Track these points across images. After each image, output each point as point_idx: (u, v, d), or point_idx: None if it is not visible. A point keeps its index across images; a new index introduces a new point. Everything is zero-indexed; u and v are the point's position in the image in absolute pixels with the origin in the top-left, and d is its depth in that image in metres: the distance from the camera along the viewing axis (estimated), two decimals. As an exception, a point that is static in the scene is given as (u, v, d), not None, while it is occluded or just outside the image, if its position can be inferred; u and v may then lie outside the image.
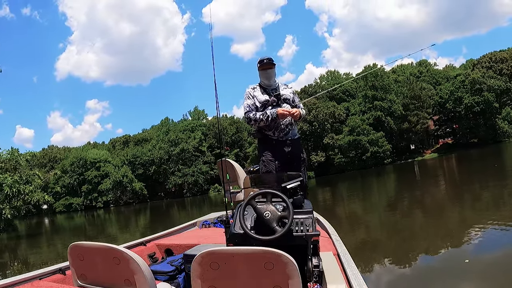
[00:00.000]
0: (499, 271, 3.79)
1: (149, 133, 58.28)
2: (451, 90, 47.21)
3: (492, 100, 44.79)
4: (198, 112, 54.18)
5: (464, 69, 51.23)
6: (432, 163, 34.54)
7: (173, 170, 51.24)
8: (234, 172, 3.93)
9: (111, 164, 53.36)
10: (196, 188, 50.75)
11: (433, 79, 50.75)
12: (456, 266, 4.19)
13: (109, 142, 62.68)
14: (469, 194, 10.08)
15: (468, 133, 46.67)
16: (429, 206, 9.45)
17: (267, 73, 3.32)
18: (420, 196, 11.87)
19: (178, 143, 50.62)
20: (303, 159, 3.40)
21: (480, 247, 4.81)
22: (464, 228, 6.01)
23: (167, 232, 3.68)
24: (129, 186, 51.49)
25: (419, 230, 6.88)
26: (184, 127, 52.80)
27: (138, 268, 1.44)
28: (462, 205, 8.71)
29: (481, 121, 45.75)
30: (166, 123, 55.22)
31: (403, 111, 46.23)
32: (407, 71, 52.39)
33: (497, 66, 47.68)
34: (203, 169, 50.55)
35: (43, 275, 2.11)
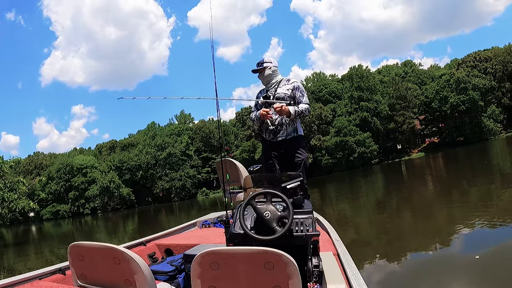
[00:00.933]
0: (493, 267, 3.91)
1: (135, 138, 58.87)
2: (436, 89, 48.47)
3: (477, 99, 46.11)
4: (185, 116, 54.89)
5: (449, 69, 52.61)
6: (419, 162, 35.45)
7: (160, 174, 51.85)
8: (237, 172, 3.88)
9: (98, 170, 53.80)
10: (184, 193, 51.39)
11: (419, 79, 52.05)
12: (453, 264, 4.32)
13: (95, 147, 63.14)
14: (457, 192, 10.30)
15: (454, 132, 47.90)
16: (418, 205, 9.72)
17: (260, 77, 3.50)
18: (408, 195, 12.19)
19: (165, 147, 51.24)
20: (300, 160, 3.37)
21: (479, 243, 4.94)
22: (452, 226, 6.16)
23: (167, 232, 3.72)
24: (116, 191, 51.96)
25: (410, 229, 7.03)
26: (170, 131, 53.47)
27: (138, 268, 1.46)
28: (450, 203, 8.89)
29: (467, 120, 47.04)
30: (152, 127, 55.80)
31: (389, 112, 47.37)
32: (393, 71, 53.70)
33: (481, 65, 48.99)
34: (190, 173, 51.23)
35: (43, 275, 2.15)
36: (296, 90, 3.37)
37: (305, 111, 3.31)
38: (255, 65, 3.50)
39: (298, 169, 3.29)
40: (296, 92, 3.36)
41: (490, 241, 4.85)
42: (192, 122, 56.66)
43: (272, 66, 3.46)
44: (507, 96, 48.52)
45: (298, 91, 3.37)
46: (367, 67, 50.59)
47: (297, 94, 3.36)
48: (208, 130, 51.80)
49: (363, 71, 48.17)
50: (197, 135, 52.51)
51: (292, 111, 3.18)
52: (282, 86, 3.41)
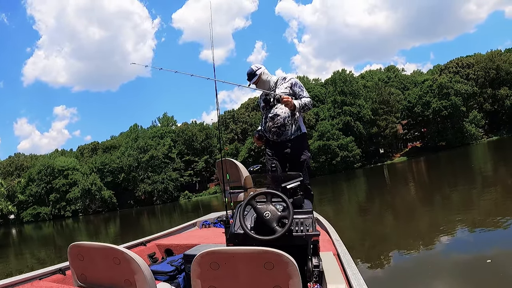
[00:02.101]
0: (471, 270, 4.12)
1: (117, 140, 59.28)
2: (419, 94, 49.98)
3: (459, 104, 47.71)
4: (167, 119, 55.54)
5: (431, 75, 54.24)
6: (401, 166, 36.51)
7: (142, 177, 52.39)
8: (237, 172, 3.95)
9: (79, 172, 54.12)
10: (166, 196, 52.00)
11: (401, 84, 53.58)
12: (448, 264, 4.45)
13: (77, 149, 63.37)
14: (439, 196, 10.60)
15: (436, 137, 49.41)
16: (400, 208, 10.06)
17: (258, 86, 3.53)
18: (391, 199, 12.47)
19: (147, 150, 51.84)
20: (303, 160, 3.42)
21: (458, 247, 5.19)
22: (437, 229, 6.38)
23: (167, 232, 3.77)
24: (98, 194, 52.37)
25: (402, 231, 7.23)
26: (153, 134, 54.02)
27: (138, 268, 1.47)
28: (432, 206, 9.16)
29: (449, 125, 48.60)
30: (135, 129, 56.31)
31: (372, 116, 48.68)
32: (376, 76, 55.13)
33: (464, 71, 50.69)
34: (172, 176, 51.87)
35: (43, 275, 2.18)
36: (295, 86, 3.44)
37: (308, 104, 3.41)
38: (246, 76, 3.54)
39: (301, 169, 3.33)
40: (295, 88, 3.43)
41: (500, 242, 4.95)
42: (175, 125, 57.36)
43: (263, 71, 3.50)
44: (488, 102, 50.23)
45: (297, 86, 3.45)
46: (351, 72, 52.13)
47: (296, 90, 3.43)
48: (191, 133, 52.55)
49: (347, 75, 49.50)
50: (180, 138, 53.18)
51: (297, 104, 3.30)
52: (280, 86, 3.46)
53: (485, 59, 51.16)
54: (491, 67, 49.99)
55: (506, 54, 52.34)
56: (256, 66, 3.54)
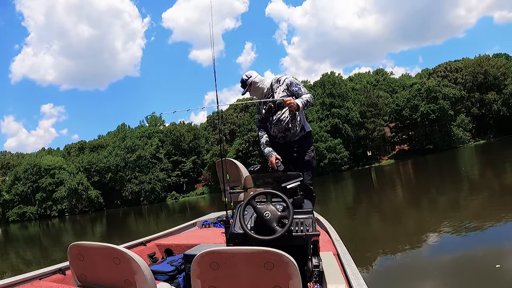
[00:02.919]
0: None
1: (105, 139, 59.55)
2: (407, 98, 50.92)
3: (447, 108, 48.72)
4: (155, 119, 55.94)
5: (419, 78, 55.28)
6: (389, 169, 37.29)
7: (129, 177, 52.71)
8: (237, 172, 3.98)
9: (66, 171, 54.34)
10: (153, 196, 52.37)
11: (390, 87, 54.56)
12: (446, 265, 4.50)
13: (64, 148, 63.52)
14: (426, 198, 10.82)
15: (424, 140, 50.40)
16: (387, 209, 10.32)
17: (252, 94, 3.50)
18: (378, 201, 12.73)
19: (135, 149, 52.19)
20: (308, 160, 3.45)
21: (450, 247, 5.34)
22: (427, 230, 6.54)
23: (167, 232, 3.80)
24: (85, 194, 52.63)
25: (399, 231, 7.36)
26: (141, 134, 54.41)
27: (138, 268, 1.49)
28: (419, 208, 9.41)
29: (437, 128, 49.61)
30: (122, 129, 56.61)
31: (360, 119, 49.49)
32: (364, 79, 56.03)
33: (452, 76, 51.75)
34: (160, 177, 52.28)
35: (43, 275, 2.19)
36: (291, 86, 3.39)
37: (310, 100, 3.36)
38: (240, 84, 3.51)
39: (306, 169, 3.36)
40: (292, 88, 3.39)
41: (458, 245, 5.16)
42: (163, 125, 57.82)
43: (254, 80, 3.42)
44: (476, 106, 51.33)
45: (293, 86, 3.40)
46: (339, 74, 53.02)
47: (294, 89, 3.39)
48: (179, 133, 53.00)
49: (335, 78, 50.29)
50: (168, 138, 53.64)
51: (300, 103, 3.25)
52: (277, 90, 3.40)
53: (473, 64, 52.32)
54: (479, 71, 51.14)
55: (494, 59, 53.61)
56: (247, 74, 3.48)
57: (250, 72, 3.50)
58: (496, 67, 50.98)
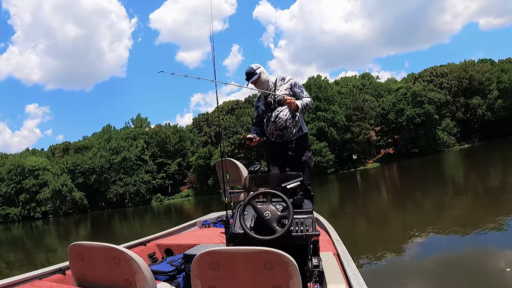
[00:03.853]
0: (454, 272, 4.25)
1: (90, 140, 59.68)
2: (393, 102, 51.91)
3: (432, 112, 49.79)
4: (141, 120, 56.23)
5: (405, 83, 56.34)
6: (374, 172, 38.00)
7: (114, 179, 52.90)
8: (237, 172, 4.02)
9: (50, 172, 54.34)
10: (138, 198, 52.69)
11: (376, 91, 55.58)
12: (446, 266, 4.53)
13: (48, 149, 63.45)
14: (411, 201, 11.07)
15: (409, 144, 51.40)
16: (372, 212, 10.52)
17: (256, 86, 3.53)
18: (363, 204, 12.96)
19: (120, 151, 52.41)
20: (304, 160, 3.50)
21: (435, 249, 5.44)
22: (407, 232, 6.68)
23: (167, 232, 3.83)
24: (69, 195, 52.76)
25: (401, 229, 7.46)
26: (126, 135, 54.64)
27: (138, 268, 1.50)
28: (404, 211, 9.59)
29: (422, 132, 50.61)
30: (107, 130, 56.77)
31: (346, 122, 50.30)
32: (350, 83, 56.95)
33: (437, 80, 52.84)
34: (145, 178, 52.65)
35: (43, 275, 2.21)
36: (294, 86, 3.49)
37: (309, 104, 3.48)
38: (245, 75, 3.53)
39: (302, 169, 3.39)
40: (294, 88, 3.49)
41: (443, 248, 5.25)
42: (148, 127, 58.11)
43: (263, 71, 3.51)
44: (461, 111, 52.50)
45: (297, 87, 3.50)
46: (326, 78, 53.79)
47: (296, 90, 3.49)
48: (164, 135, 53.40)
49: (322, 81, 51.08)
50: (153, 140, 54.01)
51: (299, 105, 3.36)
52: (279, 87, 3.48)
53: (459, 69, 53.53)
54: (465, 76, 52.33)
55: (479, 64, 54.93)
56: (256, 65, 3.53)
57: (258, 64, 3.56)
58: (481, 72, 52.20)
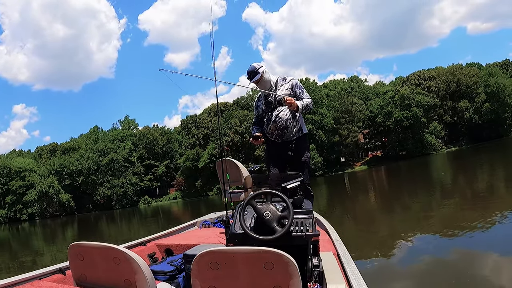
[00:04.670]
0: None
1: (77, 141, 59.72)
2: (381, 105, 52.72)
3: (420, 115, 50.68)
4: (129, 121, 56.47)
5: (393, 86, 57.19)
6: (362, 175, 38.39)
7: (101, 181, 53.16)
8: (237, 172, 4.04)
9: (37, 173, 54.38)
10: (126, 200, 53.04)
11: (364, 94, 56.35)
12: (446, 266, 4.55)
13: (35, 150, 63.45)
14: (399, 204, 11.22)
15: (397, 146, 52.25)
16: (360, 214, 10.66)
17: (258, 85, 3.58)
18: (350, 207, 13.07)
19: (107, 153, 52.70)
20: (304, 160, 3.54)
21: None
22: (398, 235, 6.72)
23: (167, 232, 3.86)
24: (56, 197, 52.84)
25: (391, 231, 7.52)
26: (113, 137, 54.98)
27: (138, 268, 1.52)
28: (391, 213, 9.71)
29: (410, 135, 51.47)
30: (95, 131, 56.98)
31: (334, 125, 50.98)
32: (339, 86, 57.62)
33: (425, 84, 53.79)
34: (132, 180, 52.97)
35: (43, 275, 2.23)
36: (295, 87, 3.53)
37: (309, 105, 3.50)
38: (247, 74, 3.59)
39: (302, 169, 3.43)
40: (295, 89, 3.53)
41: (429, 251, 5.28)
42: (136, 128, 58.42)
43: (265, 70, 3.55)
44: (448, 114, 53.47)
45: (297, 87, 3.54)
46: (314, 81, 54.55)
47: (297, 91, 3.52)
48: (152, 137, 53.75)
49: (310, 84, 51.71)
50: (141, 142, 54.32)
51: (299, 105, 3.39)
52: (280, 87, 3.52)
53: (447, 73, 54.55)
54: (452, 80, 53.35)
55: (467, 68, 56.04)
56: (258, 64, 3.58)
57: (261, 63, 3.61)
58: (469, 76, 53.23)
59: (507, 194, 9.06)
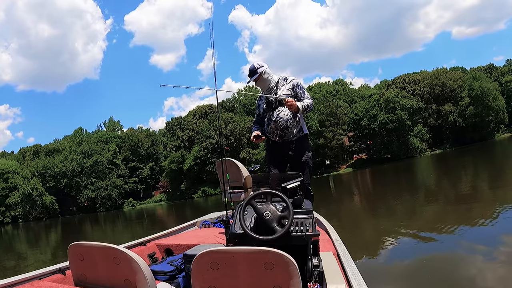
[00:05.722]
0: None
1: (61, 143, 59.84)
2: (366, 108, 53.70)
3: (405, 118, 51.69)
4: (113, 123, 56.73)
5: (378, 89, 58.26)
6: (347, 177, 39.19)
7: (85, 183, 53.27)
8: (237, 172, 4.06)
9: (20, 175, 54.38)
10: (110, 203, 53.19)
11: (349, 97, 57.42)
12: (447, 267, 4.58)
13: (19, 151, 63.36)
14: (384, 205, 11.36)
15: (381, 149, 53.25)
16: (344, 216, 10.78)
17: (258, 85, 3.68)
18: (335, 209, 13.05)
19: (92, 155, 52.89)
20: (305, 160, 3.62)
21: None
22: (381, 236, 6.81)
23: (167, 232, 3.90)
24: (39, 199, 52.89)
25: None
26: (98, 138, 55.23)
27: (138, 268, 1.52)
28: (376, 214, 9.87)
29: (394, 138, 52.43)
30: (79, 133, 57.13)
31: (319, 128, 51.81)
32: (324, 89, 58.54)
33: (410, 87, 54.90)
34: (117, 183, 53.18)
35: (43, 275, 2.26)
36: (296, 87, 3.58)
37: (310, 106, 3.56)
38: (248, 73, 3.66)
39: (303, 169, 3.50)
40: (296, 89, 3.57)
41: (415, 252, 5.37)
42: (121, 130, 58.64)
43: (265, 70, 3.61)
44: (433, 117, 54.63)
45: (298, 88, 3.58)
46: (300, 83, 54.79)
47: (298, 91, 3.57)
48: (137, 139, 54.10)
49: (295, 86, 52.28)
50: (126, 144, 54.64)
51: (300, 106, 3.43)
52: (282, 87, 3.57)
53: (431, 76, 55.78)
54: (437, 84, 54.56)
55: (451, 72, 57.38)
56: (259, 63, 3.66)
57: (262, 62, 3.69)
58: (453, 79, 54.52)
59: (490, 195, 9.28)
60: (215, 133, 48.35)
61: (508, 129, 56.02)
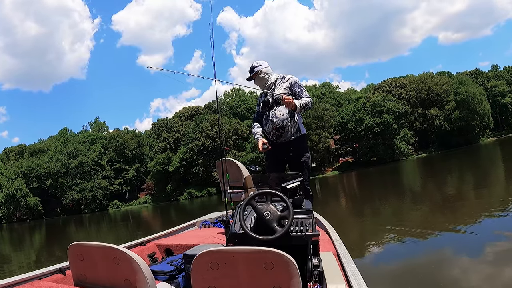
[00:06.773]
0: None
1: (46, 143, 59.97)
2: (352, 111, 54.68)
3: (391, 122, 52.80)
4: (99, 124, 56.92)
5: (365, 93, 59.28)
6: (333, 180, 39.83)
7: (70, 184, 53.49)
8: (237, 172, 4.08)
9: (4, 176, 54.31)
10: (95, 204, 53.43)
11: (335, 100, 58.43)
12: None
13: (3, 151, 63.10)
14: (368, 208, 11.56)
15: (367, 152, 54.33)
16: (329, 219, 12.28)
17: (256, 83, 3.72)
18: (320, 211, 14.84)
19: (77, 155, 53.11)
20: (303, 161, 3.60)
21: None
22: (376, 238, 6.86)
23: (167, 232, 3.93)
24: (23, 200, 52.97)
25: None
26: (83, 139, 55.48)
27: (138, 268, 1.53)
28: (362, 216, 10.01)
29: (380, 141, 53.50)
30: (64, 133, 57.24)
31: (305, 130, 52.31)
32: (311, 92, 59.20)
33: (396, 91, 56.02)
34: (102, 184, 53.45)
35: (43, 275, 2.28)
36: (294, 86, 3.57)
37: (308, 104, 3.54)
38: (249, 69, 3.73)
39: (301, 169, 3.50)
40: (294, 88, 3.56)
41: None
42: (106, 131, 58.85)
43: (262, 69, 3.64)
44: (419, 121, 55.80)
45: (296, 86, 3.57)
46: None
47: (296, 90, 3.56)
48: (123, 140, 54.38)
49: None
50: (111, 145, 54.89)
51: (298, 104, 3.43)
52: (279, 86, 3.59)
53: (417, 81, 57.06)
54: (423, 88, 55.82)
55: (437, 76, 58.74)
56: (257, 62, 3.70)
57: (262, 61, 3.73)
58: (439, 84, 55.78)
59: (474, 198, 9.58)
60: (201, 135, 48.86)
61: (493, 133, 57.48)
